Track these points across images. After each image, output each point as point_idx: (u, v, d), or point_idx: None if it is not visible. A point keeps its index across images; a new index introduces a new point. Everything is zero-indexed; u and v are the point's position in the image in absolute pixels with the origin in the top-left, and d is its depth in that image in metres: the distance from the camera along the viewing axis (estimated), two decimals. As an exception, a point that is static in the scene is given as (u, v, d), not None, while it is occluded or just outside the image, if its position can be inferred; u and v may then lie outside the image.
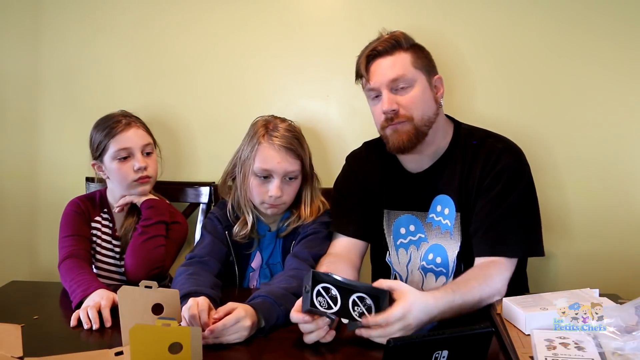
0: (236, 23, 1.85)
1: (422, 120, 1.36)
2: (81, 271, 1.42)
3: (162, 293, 1.11)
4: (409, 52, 1.36)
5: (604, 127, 1.75)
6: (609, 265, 1.76)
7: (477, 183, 1.36)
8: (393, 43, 1.36)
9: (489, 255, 1.32)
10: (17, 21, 1.92)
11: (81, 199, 1.63)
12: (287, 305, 1.18)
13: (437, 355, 0.89)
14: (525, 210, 1.35)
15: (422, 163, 1.44)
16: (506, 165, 1.34)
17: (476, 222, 1.35)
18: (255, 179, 1.45)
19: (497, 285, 1.26)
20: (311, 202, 1.51)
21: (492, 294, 1.25)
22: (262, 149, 1.44)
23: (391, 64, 1.35)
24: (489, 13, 1.75)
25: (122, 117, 1.58)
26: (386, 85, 1.35)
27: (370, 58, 1.38)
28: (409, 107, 1.35)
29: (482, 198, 1.35)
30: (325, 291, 1.08)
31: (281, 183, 1.44)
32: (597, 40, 1.72)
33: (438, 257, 1.42)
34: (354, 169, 1.54)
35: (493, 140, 1.40)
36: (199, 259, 1.40)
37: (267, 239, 1.53)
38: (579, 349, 0.99)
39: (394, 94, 1.35)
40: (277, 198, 1.43)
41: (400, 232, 1.47)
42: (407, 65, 1.35)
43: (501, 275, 1.28)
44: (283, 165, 1.43)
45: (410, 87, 1.35)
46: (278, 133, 1.45)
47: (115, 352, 1.06)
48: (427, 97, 1.37)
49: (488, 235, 1.33)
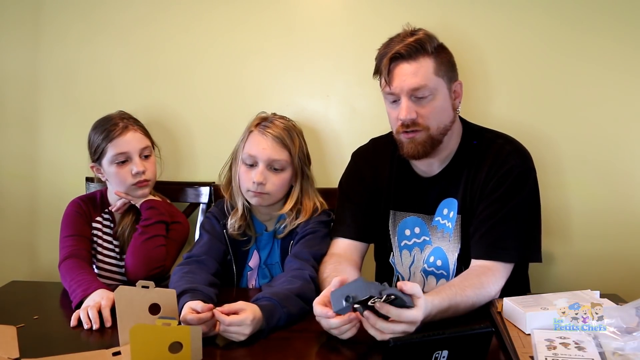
0: (236, 22, 1.85)
1: (439, 130, 1.34)
2: (81, 271, 1.42)
3: (159, 293, 1.11)
4: (432, 58, 1.31)
5: (610, 129, 1.74)
6: (609, 266, 1.76)
7: (482, 184, 1.35)
8: (417, 47, 1.30)
9: (485, 259, 1.32)
10: (17, 21, 1.92)
11: (82, 199, 1.63)
12: (289, 307, 1.18)
13: (437, 355, 0.89)
14: (526, 214, 1.34)
15: (433, 167, 1.43)
16: (512, 167, 1.34)
17: (476, 223, 1.35)
18: (243, 166, 1.47)
19: (490, 293, 1.27)
20: (302, 200, 1.51)
21: (485, 300, 1.25)
22: (252, 136, 1.48)
23: (413, 71, 1.30)
24: (493, 14, 1.75)
25: (120, 120, 1.57)
26: (406, 92, 1.31)
27: (393, 60, 1.32)
28: (427, 117, 1.32)
29: (485, 199, 1.34)
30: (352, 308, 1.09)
31: (266, 170, 1.45)
32: (605, 43, 1.71)
33: (439, 260, 1.42)
34: (360, 167, 1.53)
35: (502, 142, 1.39)
36: (196, 258, 1.41)
37: (264, 238, 1.54)
38: (579, 349, 0.99)
39: (413, 102, 1.32)
40: (260, 185, 1.44)
41: (405, 233, 1.47)
42: (429, 74, 1.30)
43: (496, 284, 1.28)
44: (268, 151, 1.45)
45: (431, 96, 1.32)
46: (270, 124, 1.48)
47: (113, 352, 1.06)
48: (446, 106, 1.35)
49: (486, 237, 1.32)
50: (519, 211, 1.32)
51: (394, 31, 1.41)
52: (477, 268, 1.31)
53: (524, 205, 1.33)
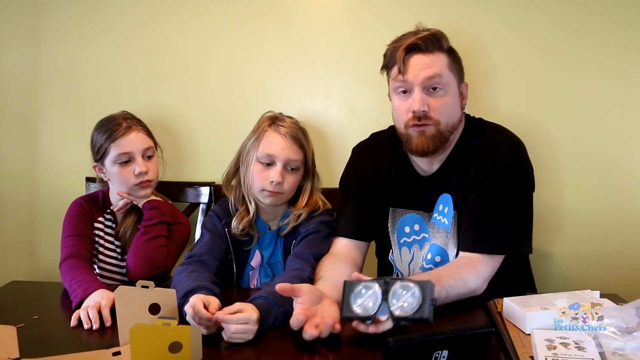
0: (236, 22, 1.85)
1: (447, 126, 1.35)
2: (82, 271, 1.42)
3: (159, 293, 1.11)
4: (446, 55, 1.34)
5: (614, 129, 1.74)
6: (609, 266, 1.76)
7: (474, 177, 1.35)
8: (434, 41, 1.32)
9: (470, 251, 1.31)
10: (17, 21, 1.92)
11: (84, 199, 1.63)
12: (286, 306, 1.18)
13: (437, 355, 0.89)
14: (514, 205, 1.33)
15: (433, 165, 1.43)
16: (501, 159, 1.33)
17: (464, 215, 1.35)
18: (258, 165, 1.46)
19: (469, 285, 1.26)
20: (310, 196, 1.52)
21: (463, 293, 1.25)
22: (268, 135, 1.46)
23: (430, 62, 1.31)
24: (493, 14, 1.75)
25: (123, 120, 1.56)
26: (420, 82, 1.31)
27: (408, 51, 1.32)
28: (439, 110, 1.32)
29: (475, 191, 1.34)
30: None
31: (283, 170, 1.44)
32: (609, 44, 1.71)
33: (437, 257, 1.42)
34: (361, 163, 1.52)
35: (493, 133, 1.39)
36: (198, 257, 1.40)
37: (267, 237, 1.53)
38: (580, 349, 0.98)
39: (426, 94, 1.32)
40: (278, 185, 1.43)
41: (404, 230, 1.47)
42: (444, 67, 1.32)
43: (477, 276, 1.28)
44: (286, 151, 1.44)
45: (444, 91, 1.33)
46: (285, 123, 1.48)
47: (113, 352, 1.06)
48: (456, 104, 1.36)
49: (472, 229, 1.32)
50: (507, 202, 1.31)
51: (394, 31, 1.41)
52: (459, 259, 1.32)
53: (513, 196, 1.32)
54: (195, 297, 1.12)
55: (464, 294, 1.25)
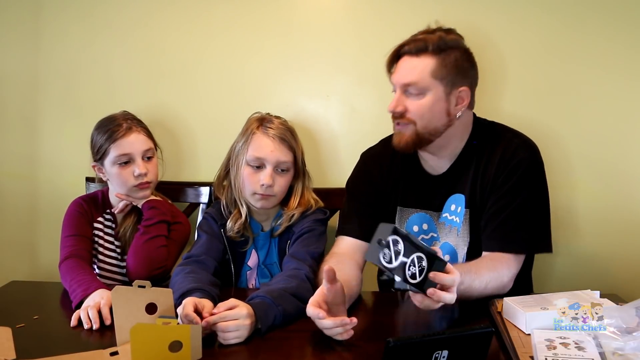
0: (237, 23, 1.85)
1: (426, 129, 1.36)
2: (82, 271, 1.42)
3: (156, 292, 1.10)
4: (434, 58, 1.33)
5: (621, 129, 1.74)
6: (609, 266, 1.76)
7: (493, 178, 1.37)
8: (421, 45, 1.34)
9: (497, 251, 1.34)
10: (17, 21, 1.92)
11: (84, 199, 1.63)
12: (284, 305, 1.18)
13: (437, 355, 0.89)
14: (536, 206, 1.37)
15: (442, 164, 1.44)
16: (521, 160, 1.36)
17: (487, 216, 1.37)
18: (248, 168, 1.46)
19: (503, 279, 1.29)
20: (301, 196, 1.53)
21: (498, 288, 1.27)
22: (256, 138, 1.46)
23: (410, 68, 1.35)
24: (495, 14, 1.75)
25: (124, 121, 1.56)
26: (400, 86, 1.36)
27: (400, 53, 1.38)
28: (414, 112, 1.36)
29: (495, 193, 1.37)
30: (393, 244, 1.08)
31: (273, 172, 1.44)
32: (617, 46, 1.72)
33: (447, 255, 1.43)
34: (369, 168, 1.53)
35: (510, 135, 1.42)
36: (196, 258, 1.41)
37: (261, 238, 1.54)
38: (579, 349, 0.99)
39: (406, 97, 1.36)
40: (268, 187, 1.44)
41: (413, 230, 1.48)
42: (424, 73, 1.33)
43: (509, 271, 1.31)
44: (276, 154, 1.44)
45: (421, 95, 1.34)
46: (273, 125, 1.48)
47: (111, 352, 1.06)
48: (437, 109, 1.35)
49: (498, 231, 1.35)
50: (529, 203, 1.35)
51: (394, 32, 1.41)
52: (489, 256, 1.34)
53: (534, 197, 1.36)
54: (187, 300, 1.12)
55: (497, 289, 1.27)
